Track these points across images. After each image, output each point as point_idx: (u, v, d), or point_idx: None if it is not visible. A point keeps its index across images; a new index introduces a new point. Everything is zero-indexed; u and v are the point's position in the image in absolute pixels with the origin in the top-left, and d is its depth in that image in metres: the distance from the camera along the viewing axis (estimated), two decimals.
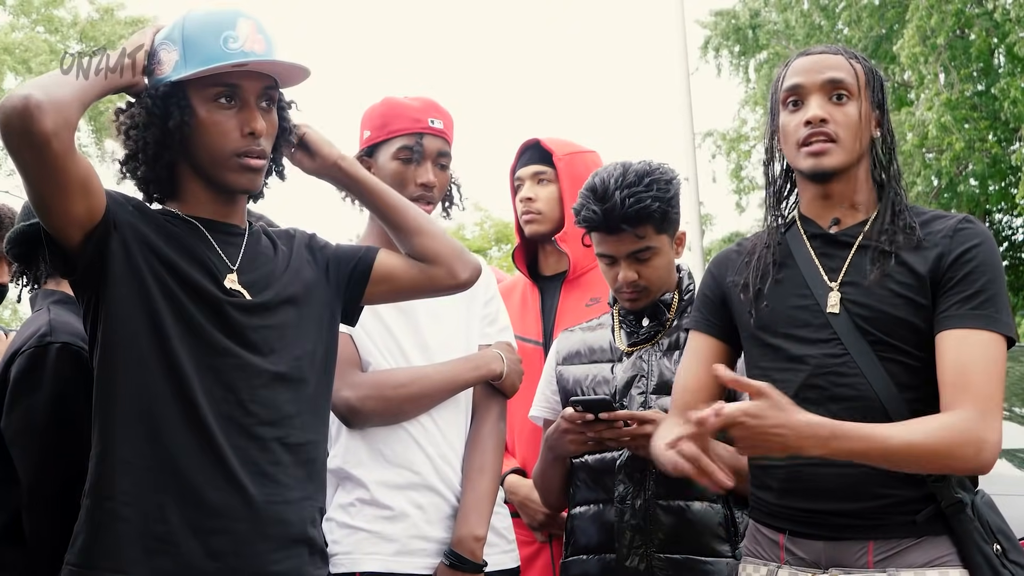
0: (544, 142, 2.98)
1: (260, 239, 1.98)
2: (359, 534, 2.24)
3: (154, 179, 1.89)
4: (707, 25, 16.25)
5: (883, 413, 1.80)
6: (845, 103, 1.91)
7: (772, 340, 1.93)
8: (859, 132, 1.91)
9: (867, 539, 1.81)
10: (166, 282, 1.80)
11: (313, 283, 1.98)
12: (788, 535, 1.89)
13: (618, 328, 2.51)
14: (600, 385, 2.45)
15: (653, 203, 2.32)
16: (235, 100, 1.84)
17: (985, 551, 1.77)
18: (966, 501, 1.79)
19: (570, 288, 2.93)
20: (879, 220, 1.92)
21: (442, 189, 2.42)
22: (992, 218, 16.15)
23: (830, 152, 1.88)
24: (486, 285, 2.45)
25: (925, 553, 1.79)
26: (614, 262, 2.41)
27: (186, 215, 1.90)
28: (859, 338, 1.83)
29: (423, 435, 2.29)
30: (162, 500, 1.75)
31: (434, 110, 2.42)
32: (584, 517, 2.42)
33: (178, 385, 1.77)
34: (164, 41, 1.86)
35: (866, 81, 1.94)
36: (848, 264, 1.90)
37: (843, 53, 1.98)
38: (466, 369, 2.33)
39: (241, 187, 1.89)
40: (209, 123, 1.83)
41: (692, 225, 13.38)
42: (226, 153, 1.84)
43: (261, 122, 1.85)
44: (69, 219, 1.73)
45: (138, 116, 1.85)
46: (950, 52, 12.53)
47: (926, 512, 1.80)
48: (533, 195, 2.93)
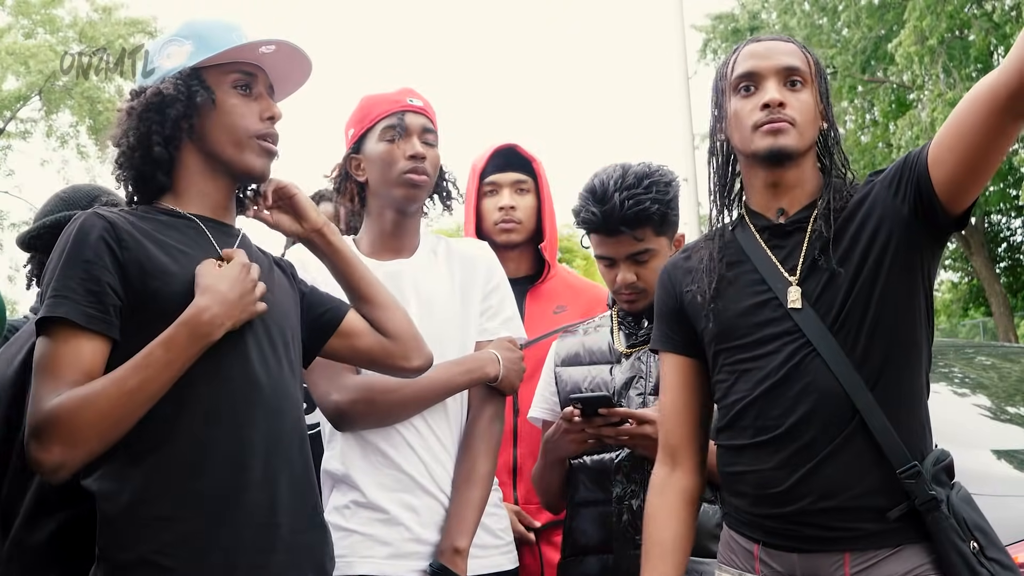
0: (523, 149, 2.97)
1: (251, 246, 1.97)
2: (353, 537, 2.23)
3: (151, 170, 1.87)
4: (704, 29, 16.27)
5: (850, 405, 1.76)
6: (799, 90, 1.88)
7: (733, 342, 1.88)
8: (813, 119, 1.88)
9: (843, 551, 1.76)
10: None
11: (292, 309, 1.99)
12: (762, 546, 1.84)
13: (617, 330, 2.50)
14: (599, 387, 2.44)
15: (652, 205, 2.32)
16: (251, 89, 1.92)
17: (961, 550, 1.70)
18: (940, 498, 1.73)
19: (535, 296, 2.93)
20: (823, 201, 1.87)
21: (434, 166, 2.38)
22: (991, 219, 16.15)
23: (787, 132, 1.84)
24: (487, 276, 2.42)
25: (903, 563, 1.74)
26: (613, 264, 2.40)
27: (181, 211, 1.89)
28: (824, 331, 1.79)
29: (416, 437, 2.28)
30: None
31: (411, 92, 2.42)
32: (583, 518, 2.42)
33: None
34: (172, 39, 1.93)
35: (816, 71, 1.91)
36: (803, 256, 1.85)
37: (793, 42, 1.95)
38: (458, 373, 2.30)
39: (256, 169, 1.92)
40: (230, 106, 1.89)
41: (691, 226, 13.37)
42: (248, 133, 1.90)
43: (278, 108, 1.94)
44: None
45: (157, 96, 1.86)
46: (949, 53, 12.54)
47: (898, 509, 1.74)
48: (514, 204, 2.93)
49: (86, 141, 19.55)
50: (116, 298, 1.74)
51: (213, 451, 1.75)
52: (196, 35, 1.91)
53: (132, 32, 18.68)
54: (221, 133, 1.88)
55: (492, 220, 2.95)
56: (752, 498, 1.85)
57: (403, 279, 2.35)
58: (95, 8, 19.03)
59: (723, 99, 1.94)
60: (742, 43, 1.98)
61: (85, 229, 1.76)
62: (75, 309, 1.70)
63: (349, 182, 2.43)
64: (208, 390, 1.76)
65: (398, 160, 2.34)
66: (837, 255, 1.82)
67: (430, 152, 2.38)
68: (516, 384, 2.39)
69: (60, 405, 1.64)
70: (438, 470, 2.28)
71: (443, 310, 2.36)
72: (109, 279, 1.73)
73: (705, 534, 2.26)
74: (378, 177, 2.38)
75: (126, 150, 1.88)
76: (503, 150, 2.98)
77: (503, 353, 2.36)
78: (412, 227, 2.43)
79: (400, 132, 2.35)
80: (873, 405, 1.76)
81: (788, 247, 1.88)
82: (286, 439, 1.84)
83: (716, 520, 2.28)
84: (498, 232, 2.94)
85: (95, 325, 1.71)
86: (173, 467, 1.73)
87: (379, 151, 2.36)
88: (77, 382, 1.67)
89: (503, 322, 2.42)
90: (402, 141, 2.35)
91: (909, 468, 1.74)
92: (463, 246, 2.51)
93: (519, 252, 2.98)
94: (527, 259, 3.00)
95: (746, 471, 1.85)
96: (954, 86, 12.16)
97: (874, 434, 1.75)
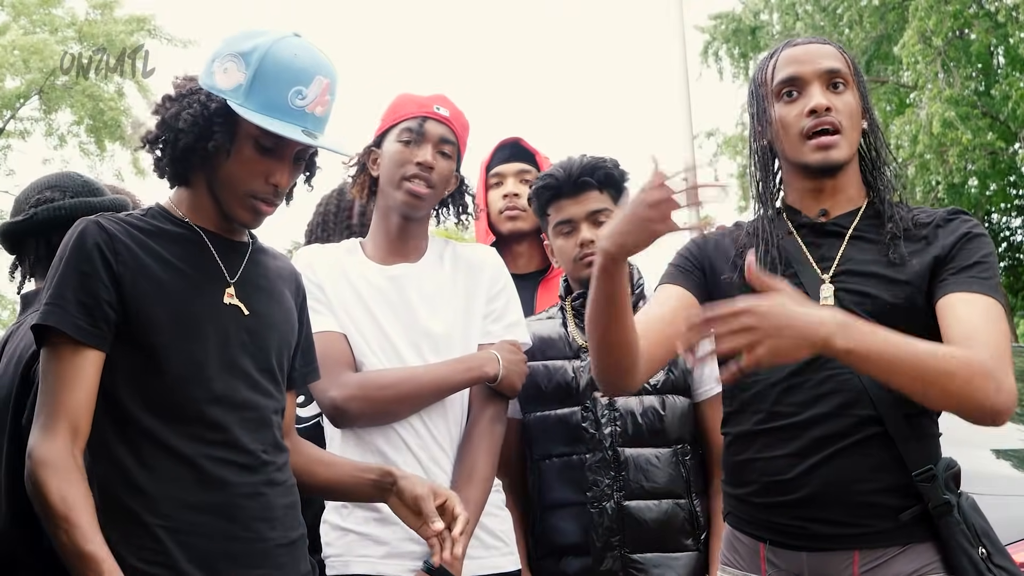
0: (526, 143, 3.04)
1: (261, 260, 1.95)
2: (350, 536, 2.23)
3: (170, 168, 1.86)
4: (706, 30, 16.24)
5: (871, 404, 1.76)
6: (843, 92, 1.87)
7: None
8: (858, 121, 1.88)
9: (852, 549, 1.75)
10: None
11: (290, 332, 1.96)
12: (769, 545, 1.83)
13: (572, 321, 2.51)
14: (560, 383, 2.46)
15: (612, 167, 2.47)
16: (275, 150, 1.81)
17: (971, 555, 1.71)
18: (953, 503, 1.74)
19: (547, 287, 2.96)
20: (870, 209, 1.88)
21: (443, 178, 2.37)
22: (991, 218, 16.14)
23: (838, 145, 1.84)
24: (492, 279, 2.42)
25: (911, 562, 1.74)
26: (573, 229, 2.47)
27: (191, 221, 1.87)
28: None
29: (413, 437, 2.27)
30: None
31: (442, 101, 2.40)
32: (558, 517, 2.43)
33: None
34: (240, 54, 1.80)
35: (854, 70, 1.91)
36: (841, 255, 1.85)
37: (830, 43, 1.94)
38: (457, 371, 2.29)
39: (241, 222, 1.87)
40: (242, 159, 1.81)
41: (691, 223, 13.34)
42: (245, 191, 1.82)
43: (287, 176, 1.85)
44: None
45: (182, 119, 1.80)
46: (950, 52, 12.54)
47: (911, 511, 1.74)
48: (518, 192, 2.99)
49: (87, 140, 19.51)
50: (111, 311, 1.73)
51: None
52: (258, 71, 1.77)
53: (132, 30, 18.65)
54: (225, 179, 1.82)
55: (497, 209, 3.02)
56: (759, 487, 1.83)
57: (407, 283, 2.35)
58: (93, 6, 19.00)
59: (765, 104, 1.92)
60: (779, 46, 1.97)
61: (83, 239, 1.75)
62: (66, 320, 1.71)
63: (364, 174, 2.44)
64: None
65: (406, 164, 2.33)
66: (878, 260, 1.82)
67: (442, 163, 2.36)
68: (518, 385, 2.37)
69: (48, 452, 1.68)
70: (435, 470, 2.27)
71: (446, 315, 2.35)
72: (104, 293, 1.73)
73: (675, 530, 2.35)
74: (386, 176, 2.38)
75: (153, 140, 1.86)
76: (507, 143, 3.07)
77: (504, 354, 2.34)
78: (418, 231, 2.42)
79: (417, 137, 2.34)
80: (894, 406, 1.75)
81: (825, 246, 1.87)
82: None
83: (684, 516, 2.36)
84: (503, 220, 3.01)
85: (84, 337, 1.71)
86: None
87: (392, 151, 2.36)
88: (73, 411, 1.69)
89: (507, 326, 2.41)
90: (416, 146, 2.34)
91: (925, 471, 1.74)
92: (470, 251, 2.50)
93: (530, 246, 3.02)
94: (538, 253, 3.03)
95: (754, 459, 1.84)
96: (953, 86, 12.15)
97: (892, 436, 1.75)
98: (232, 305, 1.84)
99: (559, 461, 2.43)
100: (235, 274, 1.87)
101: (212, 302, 1.82)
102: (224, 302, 1.83)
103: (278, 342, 1.89)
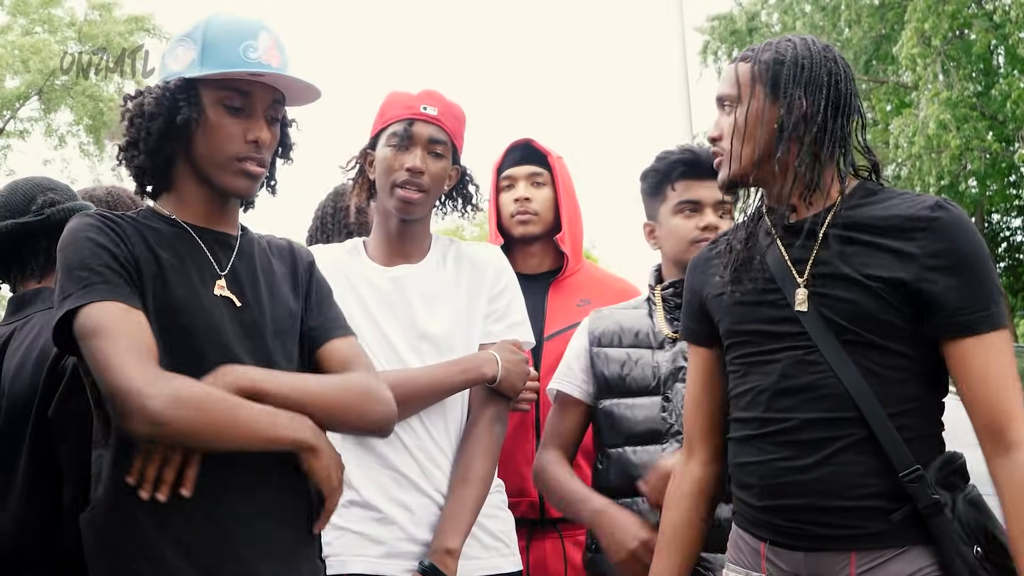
0: (538, 144, 2.99)
1: (251, 250, 1.94)
2: (348, 535, 2.23)
3: (151, 169, 1.87)
4: (705, 31, 16.26)
5: (854, 408, 1.76)
6: (730, 112, 1.89)
7: (742, 337, 1.89)
8: (753, 130, 1.85)
9: (848, 549, 1.75)
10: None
11: (296, 309, 1.94)
12: (769, 544, 1.84)
13: (660, 313, 2.49)
14: (643, 373, 2.42)
15: None
16: (244, 108, 1.84)
17: (965, 555, 1.70)
18: (944, 502, 1.73)
19: (558, 288, 2.93)
20: (840, 206, 1.84)
21: (437, 178, 2.35)
22: (991, 219, 16.16)
23: (721, 165, 1.89)
24: (494, 278, 2.40)
25: (908, 564, 1.73)
26: (697, 209, 2.43)
27: (178, 218, 1.87)
28: (828, 335, 1.78)
29: (411, 437, 2.27)
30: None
31: (429, 98, 2.38)
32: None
33: None
34: (183, 38, 1.86)
35: (755, 73, 1.86)
36: (814, 258, 1.83)
37: (739, 61, 1.91)
38: (454, 373, 2.28)
39: (236, 190, 1.87)
40: (216, 125, 1.82)
41: None
42: (228, 156, 1.83)
43: (266, 132, 1.86)
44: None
45: (146, 105, 1.84)
46: (949, 52, 12.55)
47: (901, 512, 1.74)
48: (530, 195, 2.94)
49: (87, 140, 19.53)
50: (138, 283, 1.73)
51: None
52: (205, 42, 1.83)
53: (131, 30, 18.67)
54: (205, 151, 1.83)
55: (508, 212, 2.97)
56: (758, 490, 1.85)
57: (408, 284, 2.34)
58: (93, 6, 19.02)
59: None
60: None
61: (91, 225, 1.76)
62: (109, 292, 1.68)
63: (362, 177, 2.44)
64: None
65: (396, 170, 2.33)
66: (848, 263, 1.79)
67: (434, 165, 2.34)
68: (518, 386, 2.36)
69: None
70: (433, 471, 2.27)
71: (447, 316, 2.34)
72: (129, 265, 1.73)
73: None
74: (380, 181, 2.38)
75: (125, 148, 1.89)
76: (519, 145, 3.02)
77: (504, 355, 2.33)
78: (419, 232, 2.41)
79: (404, 141, 2.34)
80: (878, 409, 1.75)
81: (801, 247, 1.86)
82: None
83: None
84: (515, 224, 2.96)
85: (134, 302, 1.69)
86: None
87: (382, 156, 2.36)
88: (148, 343, 1.66)
89: (509, 326, 2.40)
90: (404, 151, 2.33)
91: (912, 472, 1.73)
92: (473, 250, 2.48)
93: (542, 247, 2.99)
94: (550, 254, 3.00)
95: (751, 462, 1.85)
96: (952, 86, 12.15)
97: (878, 437, 1.74)
98: (224, 297, 1.83)
99: (634, 451, 2.40)
100: (225, 266, 1.86)
101: (204, 295, 1.81)
102: (215, 294, 1.82)
103: (274, 331, 1.87)
